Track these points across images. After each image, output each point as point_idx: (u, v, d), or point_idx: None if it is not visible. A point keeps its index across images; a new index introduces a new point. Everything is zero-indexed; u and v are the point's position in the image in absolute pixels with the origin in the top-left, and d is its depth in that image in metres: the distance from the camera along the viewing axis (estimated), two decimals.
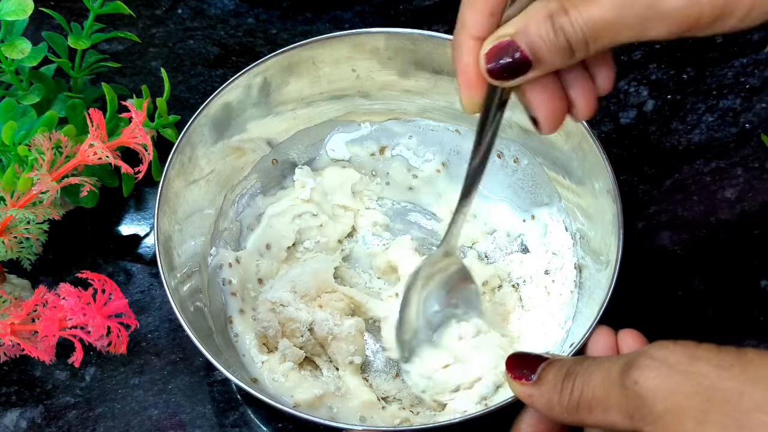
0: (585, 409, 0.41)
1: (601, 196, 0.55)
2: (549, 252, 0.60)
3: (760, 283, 0.61)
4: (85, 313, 0.49)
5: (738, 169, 0.65)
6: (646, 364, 0.39)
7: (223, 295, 0.59)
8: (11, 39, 0.60)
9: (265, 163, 0.63)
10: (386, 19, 0.74)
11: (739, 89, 0.69)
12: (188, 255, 0.58)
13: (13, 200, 0.56)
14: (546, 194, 0.61)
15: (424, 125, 0.65)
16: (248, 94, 0.60)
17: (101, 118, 0.56)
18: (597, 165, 0.55)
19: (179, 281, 0.55)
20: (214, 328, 0.57)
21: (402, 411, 0.56)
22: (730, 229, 0.63)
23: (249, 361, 0.57)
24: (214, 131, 0.59)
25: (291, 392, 0.55)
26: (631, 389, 0.39)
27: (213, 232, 0.61)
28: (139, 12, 0.74)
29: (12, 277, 0.61)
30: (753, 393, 0.37)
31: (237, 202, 0.62)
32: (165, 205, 0.55)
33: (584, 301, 0.57)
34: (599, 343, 0.48)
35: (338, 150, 0.65)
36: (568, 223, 0.60)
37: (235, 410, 0.58)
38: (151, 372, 0.59)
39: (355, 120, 0.65)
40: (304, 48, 0.59)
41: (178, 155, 0.56)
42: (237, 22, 0.74)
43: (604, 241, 0.55)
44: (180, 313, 0.51)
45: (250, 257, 0.61)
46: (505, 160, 0.63)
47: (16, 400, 0.59)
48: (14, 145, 0.58)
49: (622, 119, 0.68)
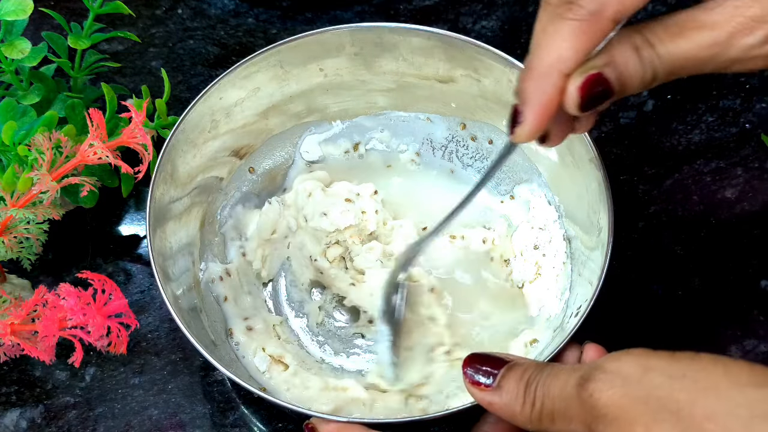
0: (548, 419, 0.42)
1: (584, 166, 0.56)
2: (536, 227, 0.61)
3: (760, 283, 0.61)
4: (85, 313, 0.49)
5: (738, 169, 0.65)
6: (601, 377, 0.40)
7: (219, 308, 0.59)
8: (11, 39, 0.60)
9: (242, 172, 0.63)
10: (386, 19, 0.74)
11: (739, 89, 0.69)
12: (181, 270, 0.58)
13: (13, 200, 0.56)
14: (524, 171, 0.62)
15: (395, 117, 0.65)
16: (221, 105, 0.59)
17: (101, 118, 0.56)
18: (576, 137, 0.55)
19: (178, 296, 0.55)
20: (216, 341, 0.57)
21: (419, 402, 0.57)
22: (730, 229, 0.63)
23: (255, 371, 0.57)
24: (191, 145, 0.59)
25: (308, 404, 0.55)
26: (588, 402, 0.40)
27: (201, 247, 0.60)
28: (139, 12, 0.74)
29: (12, 277, 0.61)
30: (704, 402, 0.38)
31: (219, 214, 0.62)
32: (155, 222, 0.55)
33: (578, 271, 0.57)
34: (569, 358, 0.49)
35: (312, 151, 0.65)
36: (551, 196, 0.61)
37: (235, 410, 0.58)
38: (151, 372, 0.59)
39: (325, 119, 0.65)
40: (272, 52, 0.59)
41: (160, 172, 0.56)
42: (237, 22, 0.74)
43: (593, 209, 0.55)
44: (181, 321, 0.51)
45: (238, 268, 0.61)
46: (480, 143, 0.63)
47: (16, 400, 0.59)
48: (14, 145, 0.58)
49: (622, 119, 0.68)
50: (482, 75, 0.59)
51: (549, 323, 0.57)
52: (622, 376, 0.40)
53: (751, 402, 0.37)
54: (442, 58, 0.60)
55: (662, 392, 0.38)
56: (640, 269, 0.62)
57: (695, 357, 0.39)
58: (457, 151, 0.64)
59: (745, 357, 0.58)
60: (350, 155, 0.65)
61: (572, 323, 0.52)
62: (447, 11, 0.74)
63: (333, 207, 0.62)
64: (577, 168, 0.57)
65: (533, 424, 0.43)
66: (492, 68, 0.58)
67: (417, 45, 0.60)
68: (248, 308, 0.60)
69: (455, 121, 0.64)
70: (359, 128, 0.65)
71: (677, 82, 0.69)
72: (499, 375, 0.44)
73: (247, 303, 0.60)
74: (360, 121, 0.65)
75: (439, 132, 0.65)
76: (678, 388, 0.38)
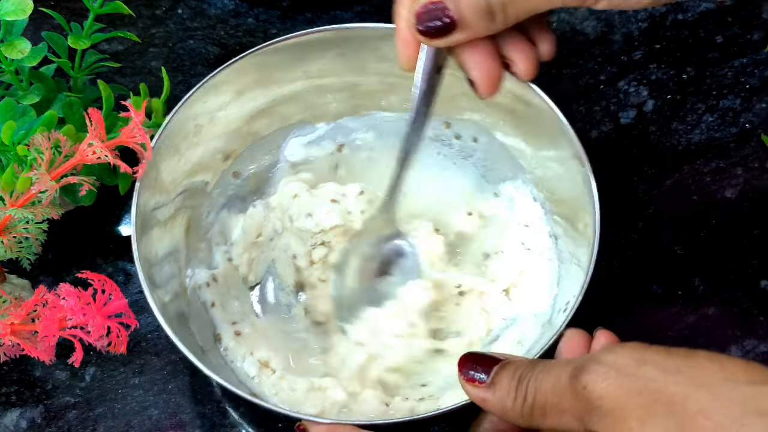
0: (539, 414, 0.42)
1: (568, 162, 0.56)
2: (521, 225, 0.61)
3: (760, 283, 0.61)
4: (84, 313, 0.49)
5: (738, 169, 0.65)
6: (595, 369, 0.40)
7: (207, 314, 0.59)
8: (11, 39, 0.60)
9: (226, 177, 0.63)
10: (386, 19, 0.73)
11: (739, 89, 0.69)
12: (168, 276, 0.57)
13: (12, 200, 0.56)
14: (508, 168, 0.62)
15: (380, 117, 0.65)
16: (205, 110, 0.59)
17: (100, 118, 0.56)
18: (560, 134, 0.56)
19: (165, 303, 0.55)
20: (205, 347, 0.57)
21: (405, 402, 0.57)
22: (730, 229, 0.63)
23: (244, 377, 0.57)
24: (174, 151, 0.58)
25: (296, 407, 0.55)
26: (581, 394, 0.40)
27: (187, 253, 0.60)
28: (139, 12, 0.74)
29: (12, 277, 0.61)
30: (698, 397, 0.38)
31: (204, 219, 0.62)
32: (141, 229, 0.55)
33: (566, 268, 0.57)
34: (571, 344, 0.48)
35: (296, 154, 0.64)
36: (536, 193, 0.61)
37: (235, 410, 0.58)
38: (151, 372, 0.59)
39: (309, 122, 0.64)
40: (255, 55, 0.59)
41: (145, 178, 0.55)
42: (237, 22, 0.74)
43: (579, 204, 0.55)
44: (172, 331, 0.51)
45: (224, 273, 0.61)
46: (464, 141, 0.63)
47: (16, 400, 0.59)
48: (13, 144, 0.58)
49: (622, 119, 0.68)
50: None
51: (537, 319, 0.57)
52: (617, 369, 0.40)
53: (745, 398, 0.37)
54: None
55: (657, 386, 0.38)
56: (640, 269, 0.62)
57: (691, 353, 0.40)
58: (442, 150, 0.64)
59: (745, 357, 0.58)
60: (335, 156, 0.65)
61: (561, 318, 0.52)
62: None
63: (318, 207, 0.62)
64: (562, 164, 0.57)
65: (524, 419, 0.43)
66: None
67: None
68: (236, 313, 0.60)
69: (439, 120, 0.63)
70: (343, 129, 0.65)
71: (677, 82, 0.69)
72: (492, 372, 0.44)
73: (234, 308, 0.60)
74: (344, 123, 0.65)
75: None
76: (672, 383, 0.38)
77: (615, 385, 0.39)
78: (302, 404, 0.56)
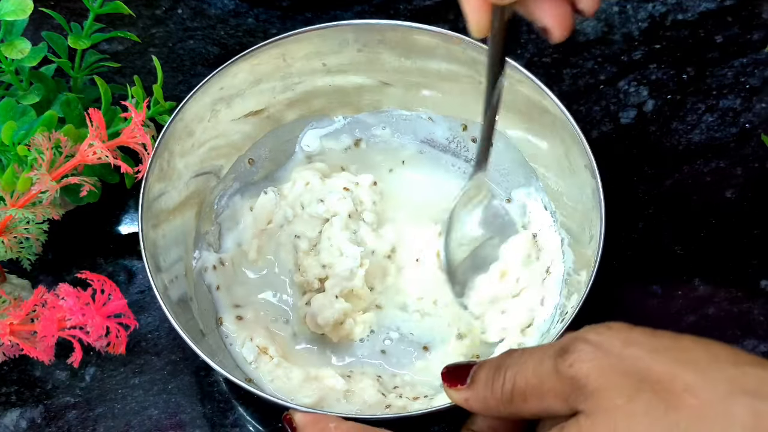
0: (519, 399, 0.42)
1: (580, 172, 0.56)
2: (530, 231, 0.61)
3: (760, 283, 0.61)
4: (83, 313, 0.49)
5: (738, 169, 0.65)
6: (581, 348, 0.40)
7: (211, 296, 0.59)
8: (11, 39, 0.60)
9: (241, 163, 0.63)
10: (386, 18, 0.73)
11: (739, 89, 0.68)
12: (173, 259, 0.58)
13: (12, 200, 0.56)
14: (522, 174, 0.62)
15: (397, 115, 0.65)
16: (221, 96, 0.60)
17: (101, 118, 0.56)
18: (574, 143, 0.56)
19: (168, 285, 0.55)
20: (205, 330, 0.57)
21: (399, 399, 0.56)
22: (730, 229, 0.63)
23: (242, 361, 0.57)
24: (189, 134, 0.59)
25: (291, 395, 0.55)
26: (565, 373, 0.40)
27: (195, 236, 0.61)
28: (139, 12, 0.74)
29: (12, 277, 0.61)
30: (684, 376, 0.38)
31: (216, 204, 0.62)
32: (147, 211, 0.55)
33: (569, 278, 0.57)
34: None
35: (313, 145, 0.65)
36: (547, 201, 0.61)
37: (235, 410, 0.58)
38: (151, 372, 0.59)
39: (328, 114, 0.65)
40: (273, 45, 0.59)
41: (156, 159, 0.56)
42: (237, 22, 0.74)
43: (587, 216, 0.55)
44: (171, 315, 0.51)
45: (232, 258, 0.61)
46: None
47: (16, 400, 0.59)
48: (14, 144, 0.58)
49: (622, 119, 0.68)
50: (483, 76, 0.59)
51: (538, 329, 0.57)
52: (604, 348, 0.40)
53: (731, 378, 0.38)
54: (445, 58, 0.60)
55: (643, 365, 0.39)
56: (640, 269, 0.62)
57: (676, 336, 0.40)
58: (458, 152, 0.64)
59: None
60: (351, 151, 0.65)
61: (557, 329, 0.52)
62: (447, 11, 0.74)
63: (330, 194, 0.62)
64: (573, 173, 0.57)
65: (504, 406, 0.43)
66: None
67: (419, 44, 0.60)
68: (240, 297, 0.60)
69: (457, 122, 0.64)
70: (361, 124, 0.65)
71: (677, 82, 0.69)
72: (471, 372, 0.45)
73: (239, 292, 0.60)
74: (362, 118, 0.65)
75: (440, 132, 0.65)
76: (659, 362, 0.38)
77: (601, 364, 0.39)
78: (297, 393, 0.56)
